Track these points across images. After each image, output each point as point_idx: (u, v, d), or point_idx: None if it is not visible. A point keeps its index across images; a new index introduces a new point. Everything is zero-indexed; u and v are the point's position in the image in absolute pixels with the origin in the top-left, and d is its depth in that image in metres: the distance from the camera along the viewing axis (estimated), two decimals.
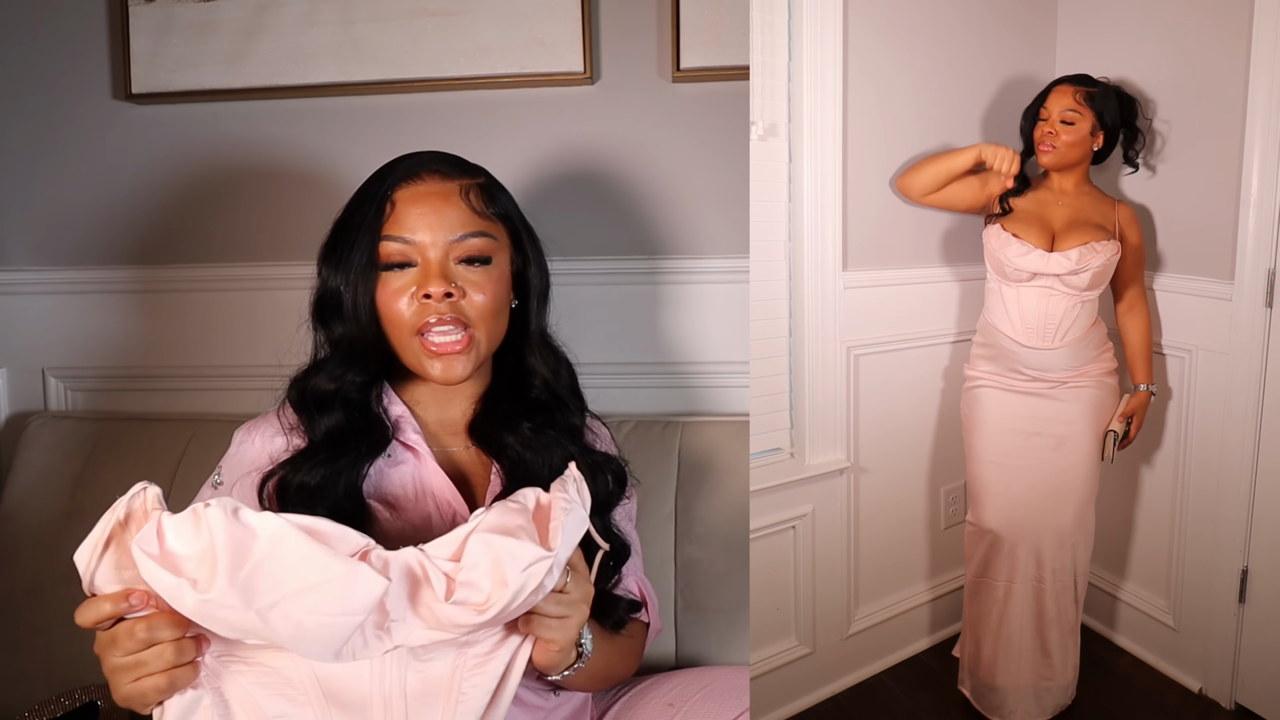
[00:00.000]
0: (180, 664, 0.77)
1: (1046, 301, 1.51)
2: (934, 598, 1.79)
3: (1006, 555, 1.55)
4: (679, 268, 1.57)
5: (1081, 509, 1.54)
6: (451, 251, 1.01)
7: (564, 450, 1.06)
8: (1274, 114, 1.38)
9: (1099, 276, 1.49)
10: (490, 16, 1.55)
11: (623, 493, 1.12)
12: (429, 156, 1.06)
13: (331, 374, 1.03)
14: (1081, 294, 1.50)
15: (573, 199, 1.59)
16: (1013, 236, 1.51)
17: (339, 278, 1.01)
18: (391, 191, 1.02)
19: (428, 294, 0.99)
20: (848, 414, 1.61)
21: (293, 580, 0.73)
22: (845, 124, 1.51)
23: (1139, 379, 1.57)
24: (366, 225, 1.00)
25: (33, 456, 1.60)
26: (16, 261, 1.74)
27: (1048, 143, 1.51)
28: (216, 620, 0.74)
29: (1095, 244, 1.48)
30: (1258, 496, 1.49)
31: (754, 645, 1.52)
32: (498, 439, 1.05)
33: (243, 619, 0.73)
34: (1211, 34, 1.48)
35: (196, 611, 0.73)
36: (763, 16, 1.46)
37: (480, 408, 1.09)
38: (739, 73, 1.50)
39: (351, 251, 1.00)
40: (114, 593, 0.76)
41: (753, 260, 1.52)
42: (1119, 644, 1.75)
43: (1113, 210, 1.54)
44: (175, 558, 0.74)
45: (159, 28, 1.62)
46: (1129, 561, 1.73)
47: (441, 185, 1.03)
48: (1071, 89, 1.50)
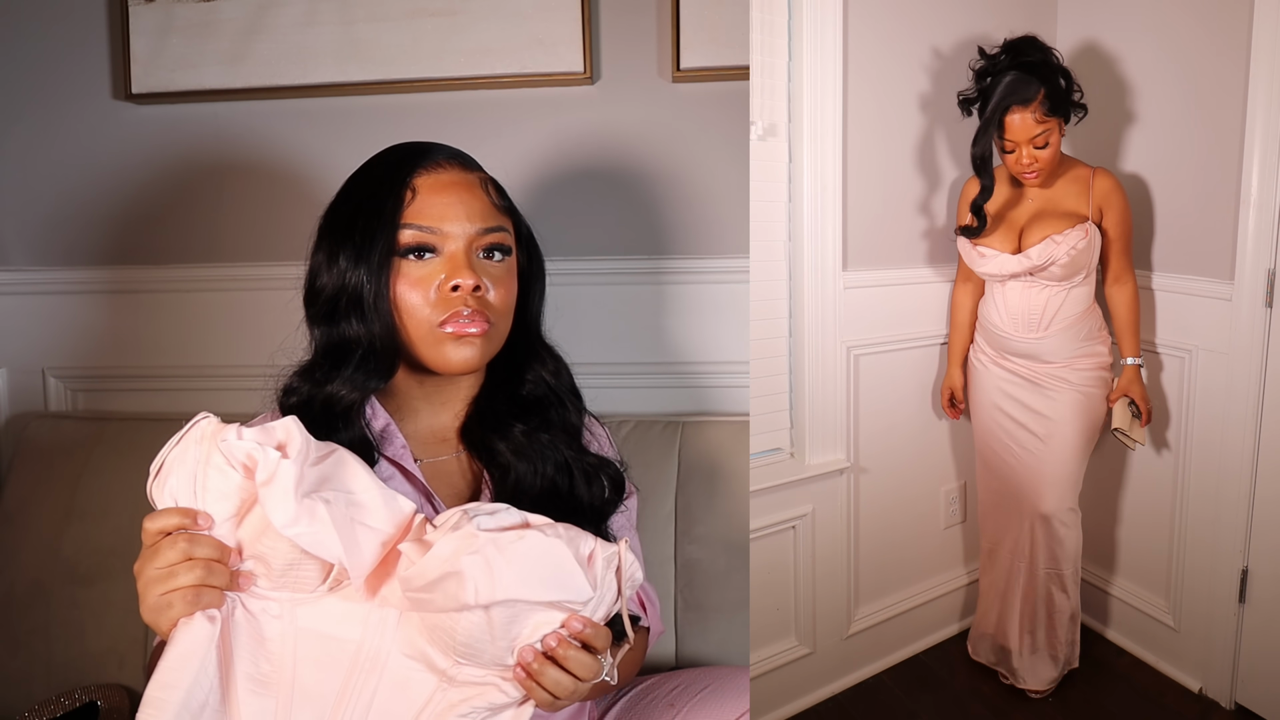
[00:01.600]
0: (209, 583, 0.79)
1: (1028, 295, 1.52)
2: (934, 597, 1.79)
3: (1004, 529, 1.62)
4: (679, 268, 1.57)
5: (1060, 500, 1.56)
6: (475, 243, 0.98)
7: (557, 455, 1.02)
8: (1274, 114, 1.38)
9: (1070, 266, 1.48)
10: (490, 16, 1.55)
11: (620, 498, 1.08)
12: (438, 146, 1.03)
13: (353, 381, 0.97)
14: (1061, 284, 1.50)
15: (572, 199, 1.59)
16: (974, 247, 1.53)
17: (359, 271, 0.95)
18: (411, 178, 0.98)
19: (456, 285, 0.95)
20: (847, 414, 1.61)
21: (348, 483, 0.81)
22: (845, 124, 1.51)
23: (1126, 352, 1.54)
24: (386, 214, 0.96)
25: (33, 456, 1.60)
26: (16, 261, 1.74)
27: (1031, 170, 1.45)
28: (285, 497, 0.76)
29: (1055, 236, 1.47)
30: (1258, 497, 1.49)
31: (754, 645, 1.52)
32: (488, 444, 1.02)
33: (305, 503, 0.76)
34: (1211, 34, 1.47)
35: (280, 483, 0.76)
36: (763, 16, 1.46)
37: (472, 410, 1.06)
38: (739, 73, 1.50)
39: (373, 242, 0.95)
40: (185, 508, 0.80)
41: (753, 260, 1.52)
42: (1119, 644, 1.74)
43: (1088, 185, 1.49)
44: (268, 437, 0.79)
45: (159, 28, 1.62)
46: (1129, 561, 1.73)
47: (463, 175, 1.00)
48: (1027, 109, 1.40)
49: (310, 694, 0.83)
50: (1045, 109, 1.41)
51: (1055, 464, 1.55)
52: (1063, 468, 1.55)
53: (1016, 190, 1.55)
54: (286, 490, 0.77)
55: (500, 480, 1.01)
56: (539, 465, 1.01)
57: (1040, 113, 1.41)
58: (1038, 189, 1.54)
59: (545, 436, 1.03)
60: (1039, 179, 1.49)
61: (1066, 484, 1.56)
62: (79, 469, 1.55)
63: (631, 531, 1.17)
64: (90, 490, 1.53)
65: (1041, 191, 1.54)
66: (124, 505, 1.49)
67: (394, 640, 0.83)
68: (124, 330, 1.71)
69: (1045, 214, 1.51)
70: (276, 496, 0.77)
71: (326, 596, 0.83)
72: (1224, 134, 1.45)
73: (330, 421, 0.96)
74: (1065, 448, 1.55)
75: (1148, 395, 1.55)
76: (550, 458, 1.02)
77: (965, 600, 1.82)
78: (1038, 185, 1.52)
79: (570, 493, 1.03)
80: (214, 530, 0.81)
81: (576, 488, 1.03)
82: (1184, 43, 1.51)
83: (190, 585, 0.79)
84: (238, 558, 0.82)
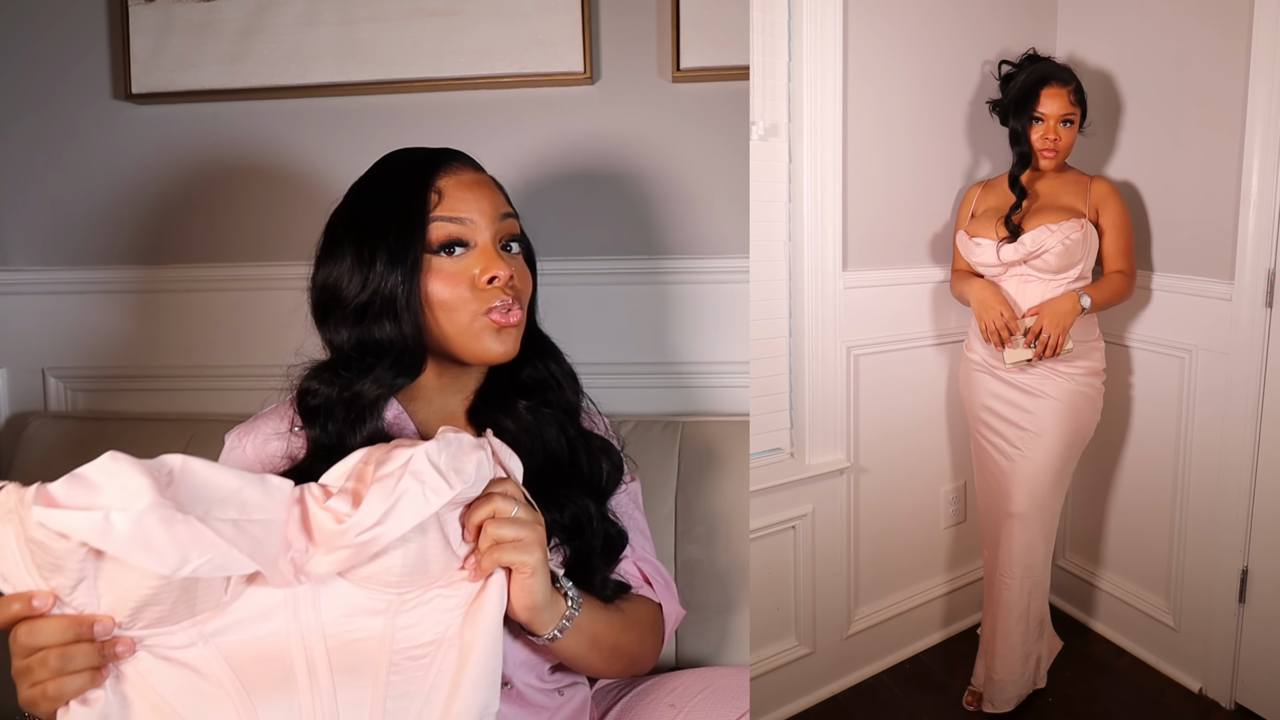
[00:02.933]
0: (67, 672, 0.72)
1: (1024, 288, 1.52)
2: (934, 597, 1.79)
3: (988, 540, 1.61)
4: (679, 268, 1.57)
5: (1039, 505, 1.54)
6: (497, 233, 1.02)
7: (559, 430, 1.06)
8: (1274, 114, 1.38)
9: (1064, 256, 1.48)
10: (490, 16, 1.55)
11: (620, 477, 1.13)
12: (450, 150, 1.06)
13: (381, 379, 0.98)
14: (1055, 277, 1.50)
15: (572, 199, 1.59)
16: (970, 239, 1.54)
17: (395, 274, 0.97)
18: (434, 179, 1.01)
19: (493, 277, 0.98)
20: (848, 414, 1.61)
21: (213, 491, 0.73)
22: (845, 124, 1.51)
23: (1086, 291, 1.49)
24: (415, 216, 0.98)
25: (33, 456, 1.60)
26: (16, 261, 1.74)
27: (1050, 148, 1.51)
28: (151, 545, 0.68)
29: (1050, 225, 1.48)
30: (1258, 496, 1.49)
31: (754, 645, 1.52)
32: (495, 423, 1.05)
33: (179, 534, 0.69)
34: (1211, 35, 1.47)
35: (130, 536, 0.68)
36: (763, 16, 1.46)
37: (478, 394, 1.09)
38: (739, 73, 1.50)
39: (407, 243, 0.97)
40: (19, 593, 0.71)
41: (753, 260, 1.52)
42: (1119, 644, 1.75)
43: (1086, 189, 1.54)
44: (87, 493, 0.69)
45: (159, 28, 1.62)
46: (1129, 561, 1.73)
47: (476, 175, 1.05)
48: (1064, 90, 1.49)
49: (268, 694, 0.80)
50: (1075, 95, 1.51)
51: (1034, 465, 1.53)
52: (1041, 471, 1.53)
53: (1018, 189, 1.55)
54: (146, 540, 0.68)
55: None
56: (541, 438, 1.05)
57: (1073, 95, 1.50)
58: (1037, 187, 1.54)
59: (547, 412, 1.07)
60: (1055, 160, 1.52)
61: (1043, 488, 1.54)
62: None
63: (637, 512, 1.18)
64: None
65: (1041, 190, 1.54)
66: None
67: (324, 607, 0.82)
68: (124, 330, 1.71)
69: (1043, 208, 1.52)
70: (138, 551, 0.68)
71: (233, 603, 0.79)
72: (1224, 134, 1.45)
73: (353, 419, 0.98)
74: (1046, 450, 1.53)
75: (1062, 334, 1.45)
76: (552, 432, 1.06)
77: (965, 601, 1.82)
78: (1052, 168, 1.53)
79: (572, 463, 1.07)
80: (66, 603, 0.72)
81: (578, 459, 1.08)
82: (1184, 43, 1.52)
83: (47, 680, 0.72)
84: (110, 622, 0.74)
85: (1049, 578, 1.61)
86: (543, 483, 1.00)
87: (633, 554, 1.13)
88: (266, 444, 1.04)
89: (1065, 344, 1.46)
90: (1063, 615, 1.81)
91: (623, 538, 1.10)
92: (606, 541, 1.07)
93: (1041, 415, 1.52)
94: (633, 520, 1.14)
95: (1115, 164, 1.63)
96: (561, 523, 1.02)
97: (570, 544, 1.03)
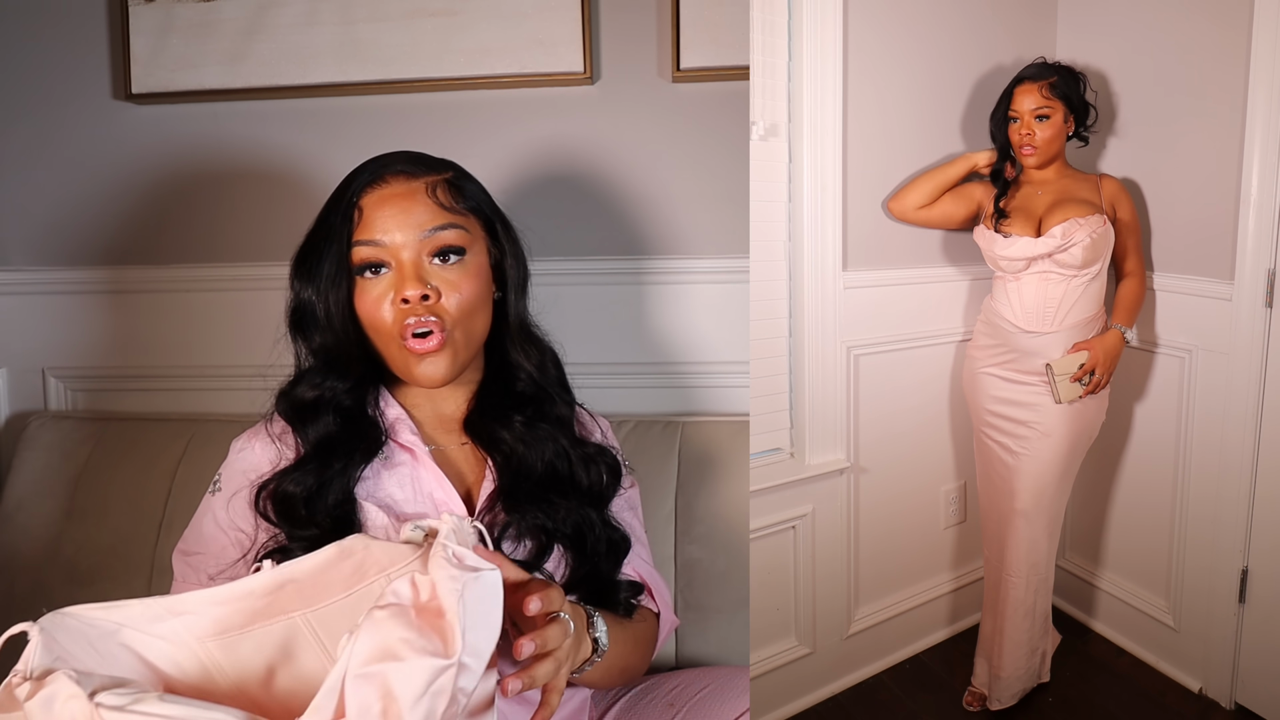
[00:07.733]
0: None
1: (1045, 286, 1.52)
2: (934, 598, 1.79)
3: (991, 538, 1.61)
4: (679, 268, 1.57)
5: (1044, 503, 1.55)
6: (423, 249, 1.00)
7: (556, 443, 1.06)
8: (1274, 114, 1.38)
9: (1090, 251, 1.48)
10: (490, 16, 1.55)
11: (618, 484, 1.12)
12: (393, 157, 1.05)
13: (312, 383, 1.04)
14: (1078, 273, 1.50)
15: (572, 199, 1.59)
16: (997, 233, 1.53)
17: (310, 289, 1.02)
18: (357, 199, 1.02)
19: (405, 298, 0.99)
20: (848, 414, 1.61)
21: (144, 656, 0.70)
22: (845, 124, 1.51)
23: (1115, 320, 1.54)
24: (334, 234, 1.01)
25: (33, 456, 1.60)
26: (16, 261, 1.74)
27: (1027, 145, 1.51)
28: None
29: (1079, 219, 1.48)
30: (1258, 497, 1.49)
31: (754, 645, 1.52)
32: (491, 434, 1.06)
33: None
34: (1211, 35, 1.48)
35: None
36: (763, 16, 1.46)
37: (474, 403, 1.10)
38: (739, 73, 1.50)
39: (321, 262, 1.01)
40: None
41: (753, 260, 1.52)
42: (1119, 644, 1.75)
43: (1097, 187, 1.54)
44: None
45: (159, 28, 1.62)
46: (1129, 561, 1.73)
47: (406, 185, 1.02)
48: (1036, 85, 1.50)
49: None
50: (1050, 89, 1.50)
51: (1040, 464, 1.54)
52: (1047, 469, 1.53)
53: (1029, 186, 1.56)
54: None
55: (504, 466, 1.05)
56: (539, 451, 1.05)
57: (1045, 90, 1.50)
58: (1048, 183, 1.54)
59: (544, 426, 1.07)
60: (1036, 157, 1.52)
61: (1049, 486, 1.54)
62: (79, 469, 1.55)
63: (636, 516, 1.18)
64: (90, 490, 1.53)
65: (1053, 185, 1.54)
66: (124, 505, 1.49)
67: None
68: (124, 330, 1.71)
69: (1062, 202, 1.52)
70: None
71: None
72: (1224, 134, 1.45)
73: (311, 416, 1.03)
74: (1053, 449, 1.53)
75: (1111, 371, 1.52)
76: (549, 445, 1.06)
77: (965, 601, 1.82)
78: (1035, 167, 1.54)
79: (570, 476, 1.07)
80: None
81: (575, 472, 1.08)
82: (1184, 44, 1.52)
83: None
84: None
85: (1053, 575, 1.61)
86: (543, 494, 1.01)
87: (637, 562, 1.14)
88: (268, 447, 1.05)
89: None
90: (1063, 615, 1.81)
91: (625, 542, 1.10)
92: (610, 547, 1.07)
93: (1048, 415, 1.53)
94: (629, 527, 1.14)
95: (1115, 164, 1.63)
96: (564, 533, 1.02)
97: (574, 552, 1.03)
